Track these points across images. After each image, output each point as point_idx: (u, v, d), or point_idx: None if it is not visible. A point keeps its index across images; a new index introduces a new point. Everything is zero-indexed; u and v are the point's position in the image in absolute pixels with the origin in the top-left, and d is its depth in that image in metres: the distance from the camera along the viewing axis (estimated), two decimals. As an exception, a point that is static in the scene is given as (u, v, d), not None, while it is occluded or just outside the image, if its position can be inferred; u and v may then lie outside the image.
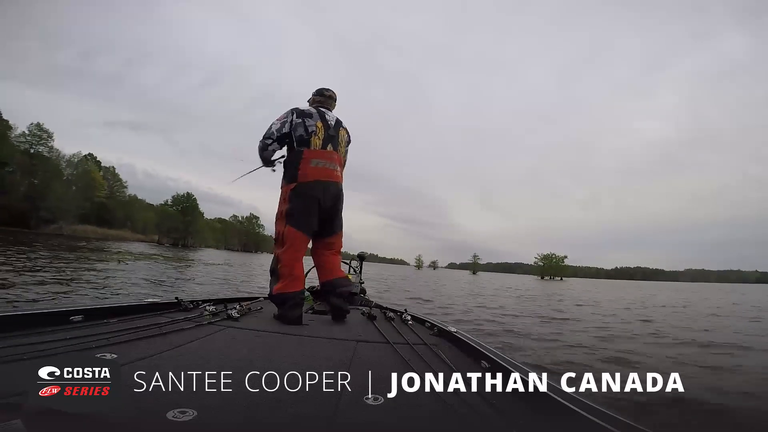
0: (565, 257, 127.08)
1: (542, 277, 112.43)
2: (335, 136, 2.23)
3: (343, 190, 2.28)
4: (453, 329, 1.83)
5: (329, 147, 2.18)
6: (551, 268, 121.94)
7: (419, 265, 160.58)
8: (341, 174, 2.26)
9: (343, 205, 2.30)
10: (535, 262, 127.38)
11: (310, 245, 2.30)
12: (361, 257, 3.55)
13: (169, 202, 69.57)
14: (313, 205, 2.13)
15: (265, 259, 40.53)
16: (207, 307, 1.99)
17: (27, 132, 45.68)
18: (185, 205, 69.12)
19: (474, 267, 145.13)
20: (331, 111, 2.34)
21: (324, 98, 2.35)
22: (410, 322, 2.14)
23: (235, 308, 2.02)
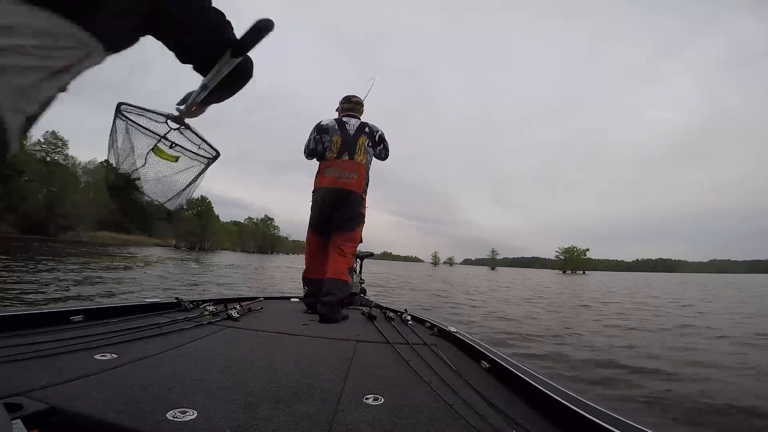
0: (587, 250, 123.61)
1: (563, 271, 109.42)
2: (353, 144, 2.41)
3: (360, 192, 2.44)
4: (453, 329, 1.79)
5: (345, 156, 2.38)
6: (573, 261, 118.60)
7: (435, 262, 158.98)
8: (356, 178, 2.39)
9: (358, 207, 2.42)
10: (556, 256, 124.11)
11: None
12: (361, 257, 3.55)
13: (184, 207, 69.80)
14: (315, 207, 2.45)
15: (283, 260, 39.52)
16: (207, 307, 1.99)
17: (42, 140, 45.40)
18: (200, 208, 69.22)
19: (493, 262, 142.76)
20: (359, 116, 2.58)
21: (351, 104, 2.59)
22: (410, 322, 2.10)
23: (235, 308, 2.01)
